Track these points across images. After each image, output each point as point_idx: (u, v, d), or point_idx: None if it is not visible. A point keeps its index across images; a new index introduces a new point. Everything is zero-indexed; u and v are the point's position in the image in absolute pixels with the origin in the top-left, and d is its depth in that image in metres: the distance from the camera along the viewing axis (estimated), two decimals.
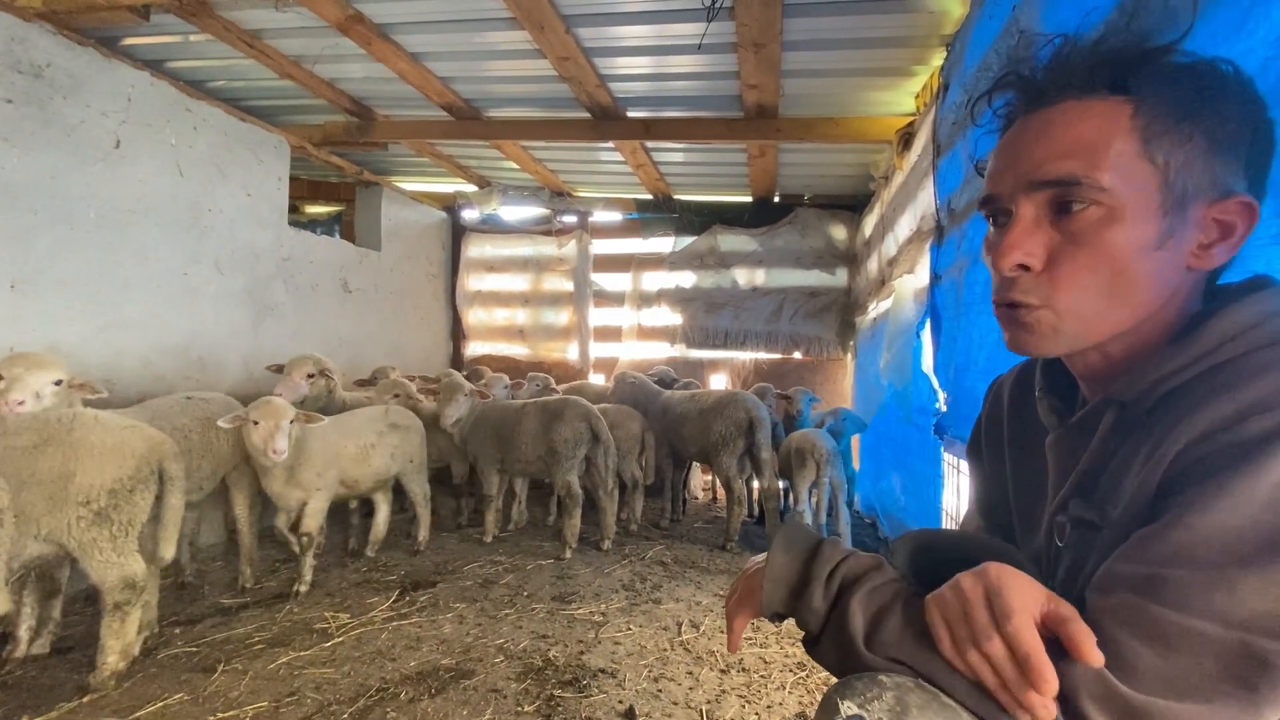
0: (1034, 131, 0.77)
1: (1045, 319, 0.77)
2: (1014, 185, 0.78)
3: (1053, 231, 0.76)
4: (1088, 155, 0.73)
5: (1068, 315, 0.76)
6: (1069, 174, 0.73)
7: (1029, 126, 0.78)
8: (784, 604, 0.87)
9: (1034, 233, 0.77)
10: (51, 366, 2.51)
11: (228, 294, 4.22)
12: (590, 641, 2.71)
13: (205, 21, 3.34)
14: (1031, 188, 0.76)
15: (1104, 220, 0.73)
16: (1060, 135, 0.75)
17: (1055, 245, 0.76)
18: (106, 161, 3.45)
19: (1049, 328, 0.78)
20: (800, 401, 4.53)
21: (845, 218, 5.98)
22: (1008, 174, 0.79)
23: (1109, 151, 0.72)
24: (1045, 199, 0.76)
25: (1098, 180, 0.72)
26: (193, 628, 2.80)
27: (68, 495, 2.18)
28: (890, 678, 0.72)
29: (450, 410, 3.96)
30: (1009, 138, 0.81)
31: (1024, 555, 0.96)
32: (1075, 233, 0.74)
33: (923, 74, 3.56)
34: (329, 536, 3.98)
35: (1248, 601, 0.59)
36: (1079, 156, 0.73)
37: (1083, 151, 0.73)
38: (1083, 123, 0.74)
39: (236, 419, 2.89)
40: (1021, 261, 0.77)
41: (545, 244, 6.71)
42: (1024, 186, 0.77)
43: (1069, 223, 0.75)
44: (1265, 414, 0.62)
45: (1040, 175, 0.75)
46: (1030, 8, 2.00)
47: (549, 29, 3.24)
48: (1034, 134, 0.77)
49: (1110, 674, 0.63)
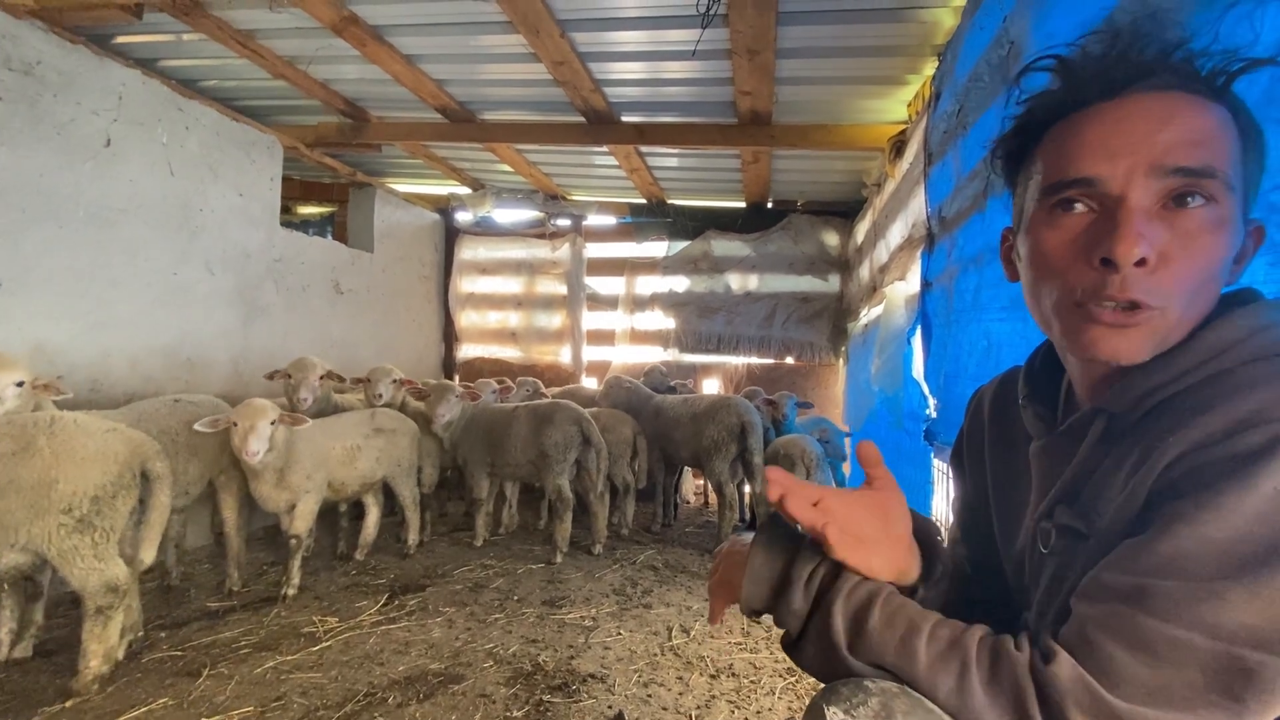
0: (1153, 115, 0.70)
1: (1155, 323, 0.71)
2: (1131, 167, 0.70)
3: (1162, 226, 0.70)
4: (1218, 149, 0.69)
5: (1175, 322, 0.71)
6: (1206, 164, 0.68)
7: (1144, 108, 0.71)
8: (764, 603, 0.87)
9: (1153, 223, 0.70)
10: (12, 367, 2.42)
11: (218, 294, 4.19)
12: (580, 646, 2.70)
13: (198, 21, 3.33)
14: (1155, 173, 0.69)
15: (1218, 220, 0.70)
16: (1190, 123, 0.69)
17: (1166, 241, 0.69)
18: (97, 160, 3.43)
19: (1152, 333, 0.71)
20: (785, 406, 4.54)
21: (838, 224, 6.02)
22: (1121, 154, 0.71)
23: (1231, 150, 0.70)
24: (1167, 188, 0.69)
25: (1229, 176, 0.69)
26: (178, 631, 2.77)
27: (50, 503, 2.14)
28: (875, 683, 0.73)
29: (442, 409, 3.92)
30: (1108, 116, 0.73)
31: (1005, 561, 0.97)
32: (1187, 230, 0.69)
33: (915, 83, 3.59)
34: (318, 539, 3.94)
35: (1235, 613, 0.60)
36: (1212, 148, 0.69)
37: (1213, 143, 0.69)
38: (1204, 117, 0.70)
39: (216, 422, 2.85)
40: (1145, 254, 0.68)
41: (539, 247, 6.71)
42: (1145, 170, 0.69)
43: (1182, 218, 0.69)
44: (1256, 429, 0.63)
45: (1171, 160, 0.69)
46: (1021, 19, 2.02)
47: (544, 33, 3.25)
48: (1154, 117, 0.70)
49: (1097, 683, 0.63)
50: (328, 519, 3.91)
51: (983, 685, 0.68)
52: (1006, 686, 0.67)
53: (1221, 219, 0.69)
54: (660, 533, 4.59)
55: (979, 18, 2.49)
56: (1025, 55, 1.97)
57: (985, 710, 0.67)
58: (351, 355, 5.45)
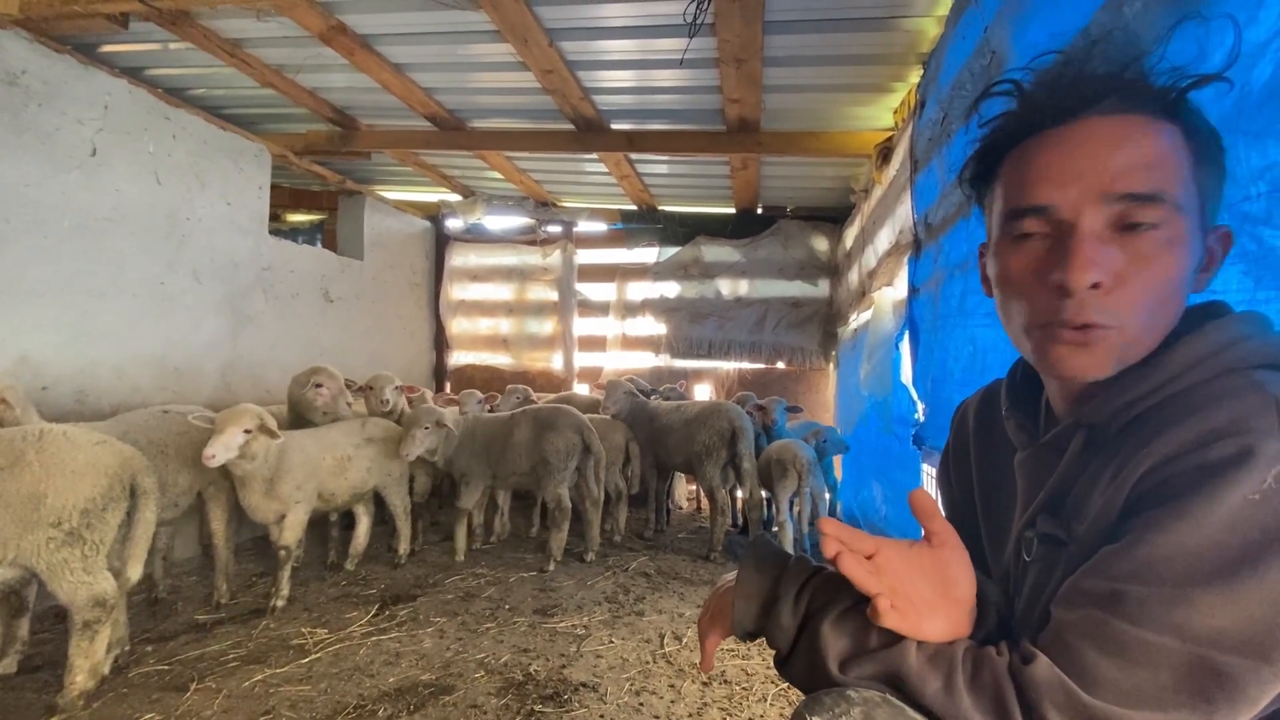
0: (1102, 141, 0.72)
1: (1112, 340, 0.74)
2: (1081, 194, 0.72)
3: (1115, 249, 0.72)
4: (1168, 172, 0.71)
5: (1134, 338, 0.74)
6: (1155, 188, 0.70)
7: (1094, 134, 0.73)
8: (754, 622, 0.88)
9: (1105, 247, 0.72)
10: None
11: (206, 303, 4.17)
12: (572, 655, 2.69)
13: (185, 30, 3.32)
14: (1105, 199, 0.71)
15: (1169, 241, 0.71)
16: (1138, 148, 0.71)
17: (1120, 263, 0.72)
18: (82, 169, 3.41)
19: (1110, 350, 0.74)
20: (774, 411, 4.54)
21: (827, 229, 6.05)
22: (1071, 182, 0.72)
23: (1181, 171, 0.72)
24: (1117, 213, 0.72)
25: (1177, 198, 0.71)
26: (165, 645, 2.74)
27: (39, 517, 2.13)
28: (859, 693, 0.74)
29: (409, 448, 3.55)
30: (1060, 142, 0.75)
31: (994, 570, 0.98)
32: (1141, 252, 0.71)
33: (900, 90, 3.62)
34: (307, 549, 3.92)
35: (1206, 618, 0.62)
36: (1162, 171, 0.71)
37: (1163, 167, 0.71)
38: (1154, 139, 0.72)
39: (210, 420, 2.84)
40: (1098, 279, 0.71)
41: (530, 254, 6.71)
42: (1095, 197, 0.72)
43: (1134, 240, 0.71)
44: (1226, 440, 0.64)
45: (1120, 187, 0.71)
46: (1001, 29, 2.05)
47: (533, 42, 3.26)
48: (1104, 143, 0.72)
49: (1073, 684, 0.65)
50: (318, 529, 3.88)
51: (966, 685, 0.70)
52: (988, 686, 0.69)
53: (1174, 239, 0.72)
54: (653, 539, 4.59)
55: (961, 27, 2.52)
56: (1006, 64, 2.00)
57: (970, 711, 0.69)
58: (342, 364, 5.37)
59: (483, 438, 3.99)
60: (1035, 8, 1.83)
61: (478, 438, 3.99)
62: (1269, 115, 1.01)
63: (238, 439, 2.80)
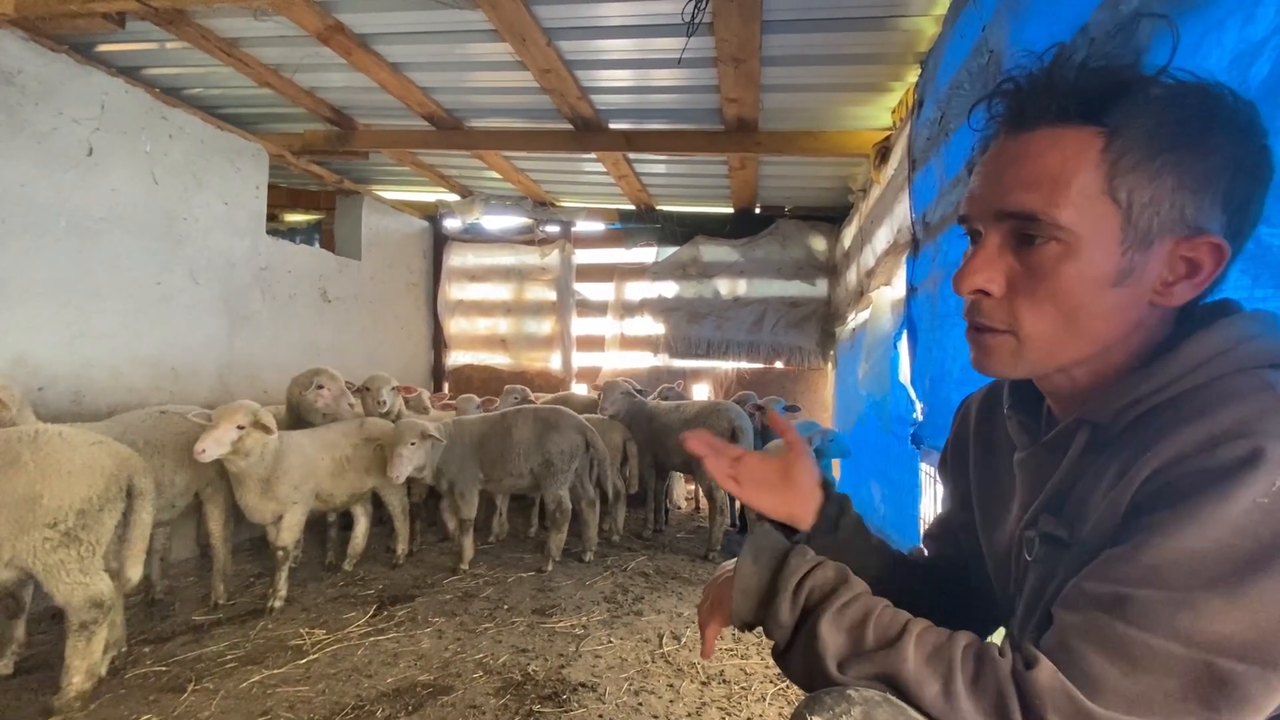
0: (1006, 158, 0.77)
1: (1006, 344, 0.79)
2: (982, 210, 0.79)
3: (1014, 260, 0.77)
4: (1049, 190, 0.73)
5: (1028, 342, 0.78)
6: (1028, 209, 0.74)
7: (1004, 151, 0.78)
8: (752, 614, 0.88)
9: (995, 260, 0.78)
10: None
11: (203, 304, 4.16)
12: (571, 655, 2.69)
13: (182, 29, 3.31)
14: (996, 217, 0.77)
15: (1061, 256, 0.74)
16: (1028, 166, 0.74)
17: (1016, 274, 0.77)
18: (78, 169, 3.40)
19: (1010, 352, 0.79)
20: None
21: (825, 229, 6.05)
22: (979, 198, 0.79)
23: (1070, 188, 0.72)
24: (1008, 229, 0.77)
25: (1055, 218, 0.73)
26: (163, 646, 2.73)
27: (35, 518, 2.12)
28: (859, 692, 0.73)
29: (397, 470, 3.36)
30: (987, 159, 0.80)
31: (988, 566, 0.98)
32: (1034, 265, 0.75)
33: (898, 90, 3.62)
34: (305, 550, 3.91)
35: (1212, 623, 0.61)
36: (1041, 190, 0.73)
37: (1046, 185, 0.73)
38: (1051, 154, 0.73)
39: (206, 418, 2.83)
40: (981, 288, 0.78)
41: (528, 253, 6.71)
42: (990, 214, 0.78)
43: (1029, 254, 0.76)
44: (1234, 442, 0.63)
45: (1003, 205, 0.76)
46: (999, 28, 2.05)
47: (531, 42, 3.26)
48: (1005, 161, 0.77)
49: (1077, 689, 0.64)
50: (315, 529, 3.88)
51: (967, 689, 0.69)
52: (990, 690, 0.68)
53: (1070, 252, 0.73)
54: (651, 539, 4.59)
55: (959, 26, 2.52)
56: (1004, 63, 2.00)
57: (971, 715, 0.68)
58: (339, 363, 5.36)
59: (476, 438, 3.82)
60: (1033, 6, 1.83)
61: (467, 439, 3.81)
62: (1267, 112, 1.01)
63: (230, 434, 2.78)
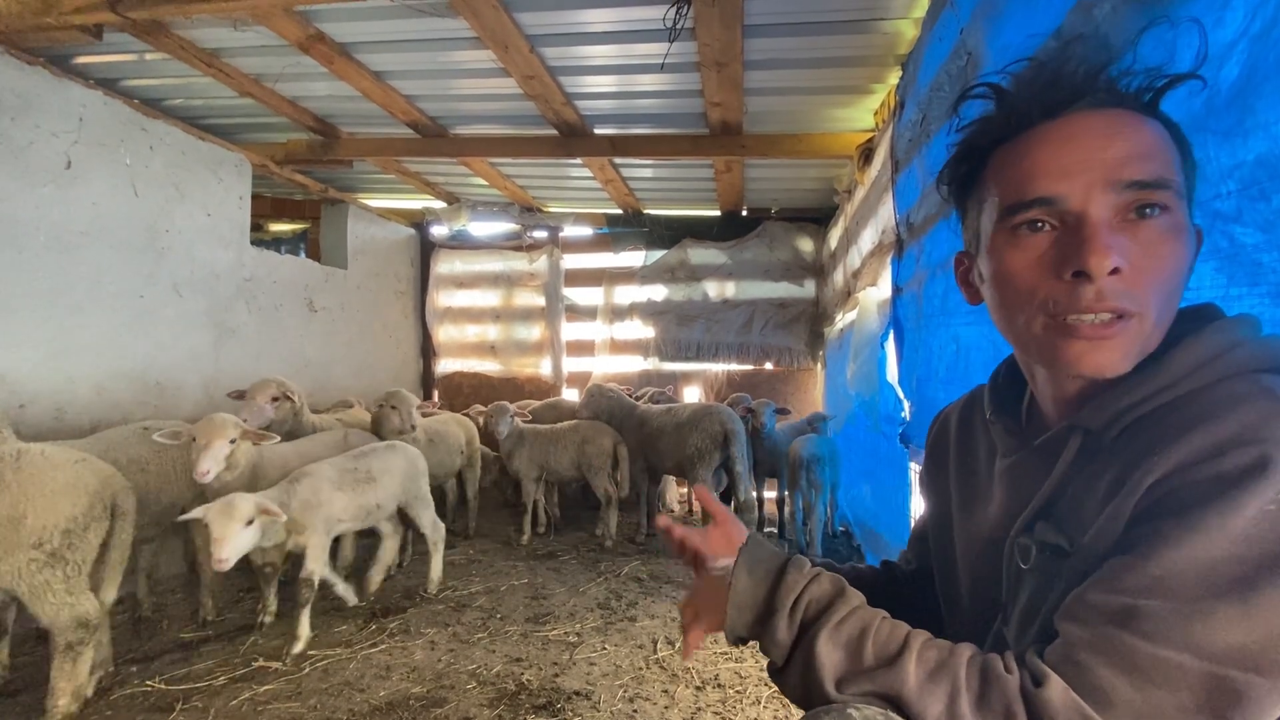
0: (1099, 131, 0.72)
1: (1134, 330, 0.72)
2: (1087, 183, 0.71)
3: (1124, 237, 0.71)
4: (1165, 160, 0.71)
5: (1152, 329, 0.72)
6: (1159, 175, 0.70)
7: (1089, 126, 0.73)
8: (748, 630, 0.86)
9: (1117, 235, 0.71)
10: None
11: (187, 316, 4.11)
12: (565, 663, 2.68)
13: (161, 40, 3.28)
14: (1112, 187, 0.71)
15: (1175, 228, 0.71)
16: (1135, 138, 0.72)
17: (1133, 251, 0.71)
18: (57, 183, 3.35)
19: (1132, 342, 0.72)
20: (764, 414, 4.55)
21: (811, 230, 6.09)
22: (1076, 172, 0.72)
23: (1171, 163, 0.72)
24: (1125, 202, 0.71)
25: (1179, 184, 0.71)
26: (150, 664, 2.69)
27: (19, 539, 2.09)
28: (859, 710, 0.71)
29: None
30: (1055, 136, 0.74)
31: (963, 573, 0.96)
32: (1149, 240, 0.71)
33: (880, 92, 3.65)
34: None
35: (1223, 634, 0.59)
36: (1158, 160, 0.71)
37: (1159, 156, 0.71)
38: (1147, 131, 0.72)
39: (177, 434, 2.74)
40: (1118, 264, 0.69)
41: (516, 259, 6.70)
42: (1101, 185, 0.71)
43: (1143, 229, 0.71)
44: (1242, 449, 0.62)
45: (1126, 175, 0.70)
46: (976, 31, 2.07)
47: (513, 49, 3.25)
48: (1100, 134, 0.72)
49: (1086, 704, 0.63)
50: None
51: (973, 708, 0.67)
52: (998, 710, 0.66)
53: (1178, 226, 0.71)
54: (644, 543, 4.58)
55: (938, 29, 2.55)
56: (982, 65, 2.02)
57: None
58: (327, 374, 5.38)
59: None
60: (1009, 9, 1.85)
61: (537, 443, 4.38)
62: (1237, 114, 1.03)
63: (224, 450, 2.73)
